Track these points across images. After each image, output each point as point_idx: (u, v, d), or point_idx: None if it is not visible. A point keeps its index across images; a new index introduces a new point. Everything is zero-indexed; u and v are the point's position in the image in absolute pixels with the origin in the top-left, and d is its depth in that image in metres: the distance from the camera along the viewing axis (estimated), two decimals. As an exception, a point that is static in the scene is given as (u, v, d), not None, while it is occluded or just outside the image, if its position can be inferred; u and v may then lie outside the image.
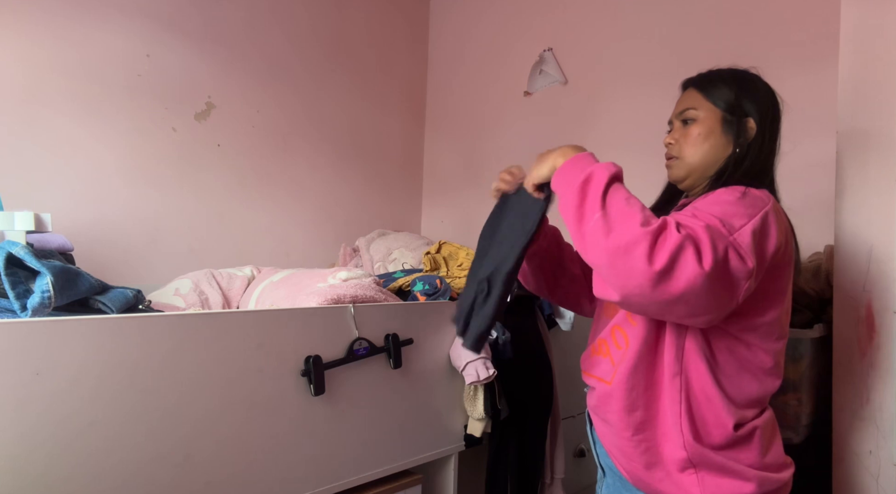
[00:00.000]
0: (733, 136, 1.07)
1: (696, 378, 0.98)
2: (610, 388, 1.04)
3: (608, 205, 0.87)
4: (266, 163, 2.37)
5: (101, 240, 1.89)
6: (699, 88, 1.12)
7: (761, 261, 0.90)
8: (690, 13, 2.18)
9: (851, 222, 1.27)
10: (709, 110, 1.09)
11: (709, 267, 0.81)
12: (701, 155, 1.09)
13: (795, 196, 1.98)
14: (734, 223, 0.89)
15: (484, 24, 2.85)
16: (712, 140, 1.08)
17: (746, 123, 1.07)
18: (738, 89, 1.09)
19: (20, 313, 1.00)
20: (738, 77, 1.12)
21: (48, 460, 0.93)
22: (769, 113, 1.09)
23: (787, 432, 1.56)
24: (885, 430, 1.17)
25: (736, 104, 1.08)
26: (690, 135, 1.10)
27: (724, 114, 1.08)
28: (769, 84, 1.13)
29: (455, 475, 1.62)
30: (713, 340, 0.98)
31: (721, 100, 1.09)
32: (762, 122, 1.07)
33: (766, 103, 1.09)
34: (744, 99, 1.08)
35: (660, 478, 1.01)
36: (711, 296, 0.84)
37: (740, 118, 1.07)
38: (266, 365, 1.20)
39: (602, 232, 0.85)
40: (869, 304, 1.20)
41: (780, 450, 1.04)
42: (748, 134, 1.07)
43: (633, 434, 1.02)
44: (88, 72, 1.88)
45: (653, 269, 0.81)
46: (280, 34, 2.41)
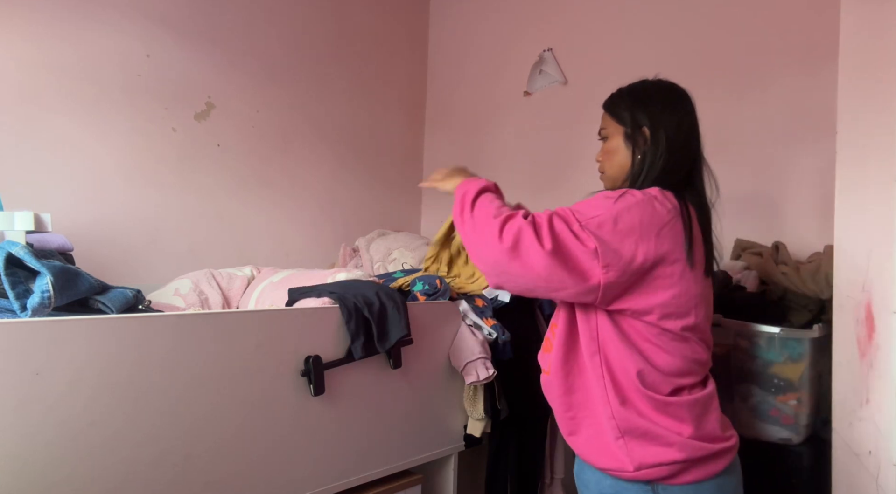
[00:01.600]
0: (633, 147, 1.21)
1: (613, 353, 1.11)
2: (549, 377, 1.21)
3: (475, 208, 1.13)
4: (266, 164, 2.37)
5: (100, 240, 1.89)
6: (607, 109, 1.27)
7: (612, 246, 1.03)
8: (690, 14, 2.18)
9: (851, 222, 1.27)
10: (614, 128, 1.24)
11: (549, 246, 1.01)
12: (615, 167, 1.24)
13: (795, 196, 1.99)
14: (587, 212, 1.07)
15: (484, 25, 2.85)
16: (620, 153, 1.23)
17: (643, 132, 1.20)
18: (632, 103, 1.22)
19: (20, 313, 1.00)
20: (633, 91, 1.25)
21: (48, 460, 0.93)
22: (662, 117, 1.19)
23: (786, 432, 1.56)
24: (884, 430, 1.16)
25: (632, 118, 1.21)
26: (605, 151, 1.27)
27: (625, 129, 1.22)
28: (670, 84, 1.24)
29: (455, 475, 1.62)
30: (618, 320, 1.11)
31: (621, 117, 1.23)
32: (654, 128, 1.18)
33: (658, 108, 1.20)
34: (636, 111, 1.21)
35: (598, 450, 1.13)
36: (561, 272, 1.02)
37: (637, 129, 1.21)
38: (266, 365, 1.20)
39: (472, 227, 1.11)
40: (868, 304, 1.20)
41: (715, 424, 1.13)
42: (645, 142, 1.20)
43: (573, 413, 1.17)
44: (88, 72, 1.88)
45: (503, 246, 1.03)
46: (280, 34, 2.41)
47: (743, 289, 1.73)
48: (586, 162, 2.52)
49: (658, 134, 1.18)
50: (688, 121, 1.21)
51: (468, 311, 1.63)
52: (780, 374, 1.57)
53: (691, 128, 1.22)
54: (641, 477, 1.08)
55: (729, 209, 2.13)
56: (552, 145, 2.56)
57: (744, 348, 1.61)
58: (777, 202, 2.03)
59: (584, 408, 1.16)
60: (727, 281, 1.75)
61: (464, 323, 1.62)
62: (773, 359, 1.57)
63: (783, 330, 1.56)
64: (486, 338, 1.61)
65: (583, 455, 1.17)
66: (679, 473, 1.08)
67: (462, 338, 1.58)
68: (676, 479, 1.08)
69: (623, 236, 1.05)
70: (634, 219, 1.06)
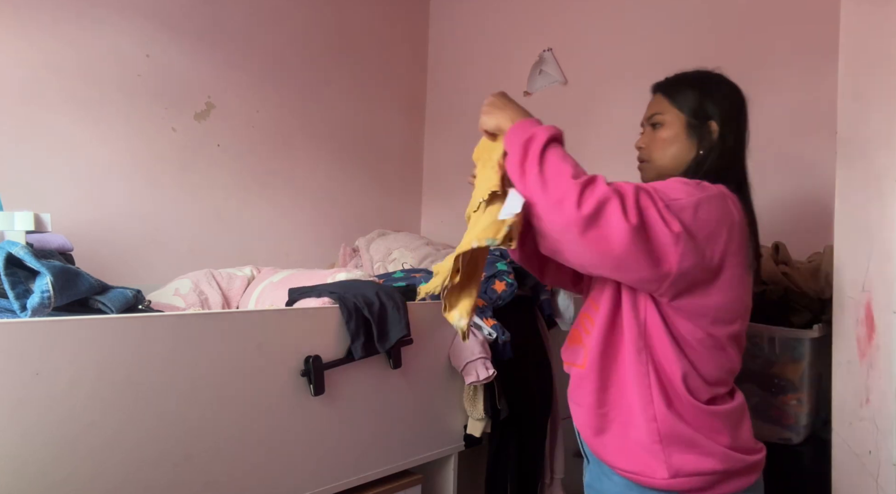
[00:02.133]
0: (697, 140, 1.12)
1: (661, 352, 1.03)
2: (584, 371, 1.11)
3: (545, 162, 0.95)
4: (266, 164, 2.37)
5: (100, 240, 1.89)
6: (665, 93, 1.17)
7: (693, 234, 0.95)
8: (690, 13, 2.18)
9: (851, 222, 1.27)
10: (674, 115, 1.15)
11: (634, 221, 0.90)
12: (668, 158, 1.15)
13: (795, 196, 1.99)
14: (669, 194, 0.96)
15: (484, 25, 2.85)
16: (678, 144, 1.13)
17: (709, 126, 1.12)
18: (700, 93, 1.14)
19: (20, 313, 1.00)
20: (702, 80, 1.17)
21: (48, 460, 0.93)
22: (732, 114, 1.13)
23: (786, 432, 1.56)
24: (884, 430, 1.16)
25: (699, 108, 1.13)
26: (658, 139, 1.16)
27: (688, 119, 1.13)
28: (734, 83, 1.18)
29: (455, 475, 1.62)
30: (671, 317, 1.03)
31: (685, 105, 1.14)
32: (724, 125, 1.12)
33: (728, 105, 1.14)
34: (706, 102, 1.13)
35: (627, 453, 1.05)
36: (639, 252, 0.91)
37: (703, 122, 1.12)
38: (266, 365, 1.20)
39: (540, 186, 0.94)
40: (868, 304, 1.20)
41: (749, 435, 1.09)
42: (711, 137, 1.12)
43: (606, 410, 1.08)
44: (88, 72, 1.88)
45: (580, 214, 0.89)
46: (280, 34, 2.41)
47: (743, 289, 1.73)
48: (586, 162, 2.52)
49: (726, 132, 1.11)
50: (746, 127, 1.15)
51: (468, 311, 1.63)
52: (780, 374, 1.57)
53: (745, 142, 1.16)
54: (675, 487, 1.02)
55: (729, 209, 2.13)
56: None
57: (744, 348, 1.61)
58: (777, 202, 2.03)
59: (617, 407, 1.07)
60: (727, 281, 1.75)
61: (464, 323, 1.61)
62: (773, 359, 1.57)
63: (783, 330, 1.56)
64: (486, 338, 1.61)
65: (607, 456, 1.09)
66: (713, 485, 1.03)
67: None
68: (710, 491, 1.03)
69: (701, 226, 0.96)
70: (714, 211, 0.98)
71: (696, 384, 1.03)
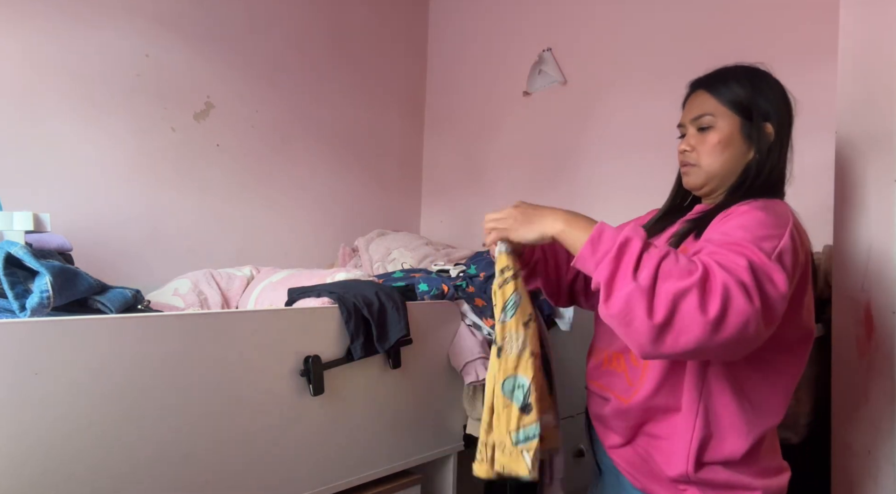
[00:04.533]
0: (754, 143, 1.03)
1: (718, 399, 0.95)
2: (627, 406, 1.02)
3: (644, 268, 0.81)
4: (265, 163, 2.37)
5: (99, 240, 1.88)
6: (713, 92, 1.07)
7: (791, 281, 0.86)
8: (690, 13, 2.18)
9: (851, 222, 1.27)
10: (726, 116, 1.04)
11: (759, 305, 0.79)
12: (721, 163, 1.05)
13: (795, 196, 1.98)
14: (766, 246, 0.85)
15: (483, 24, 2.85)
16: (732, 148, 1.04)
17: (765, 128, 1.04)
18: (752, 91, 1.04)
19: (19, 313, 1.00)
20: (752, 77, 1.07)
21: (47, 460, 0.93)
22: (785, 114, 1.05)
23: (786, 432, 1.56)
24: (883, 430, 1.17)
25: (753, 108, 1.03)
26: (709, 142, 1.05)
27: (742, 121, 1.04)
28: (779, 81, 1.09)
29: (454, 475, 1.62)
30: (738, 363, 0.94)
31: (737, 105, 1.04)
32: (780, 125, 1.03)
33: (780, 104, 1.05)
34: (760, 101, 1.03)
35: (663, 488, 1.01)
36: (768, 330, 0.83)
37: (758, 123, 1.03)
38: (265, 365, 1.20)
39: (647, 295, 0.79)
40: (868, 304, 1.20)
41: (778, 452, 1.05)
42: (767, 139, 1.03)
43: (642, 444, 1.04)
44: (87, 71, 1.88)
45: (707, 318, 0.77)
46: (279, 34, 2.41)
47: (742, 289, 1.73)
48: (586, 162, 2.53)
49: (783, 136, 1.02)
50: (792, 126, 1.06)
51: (468, 311, 1.63)
52: (779, 374, 1.57)
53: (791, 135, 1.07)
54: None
55: (728, 209, 2.13)
56: (552, 145, 2.56)
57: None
58: (777, 202, 2.02)
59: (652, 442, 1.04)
60: (727, 281, 1.75)
61: (463, 322, 1.61)
62: (772, 359, 1.57)
63: (783, 330, 1.56)
64: (486, 338, 1.60)
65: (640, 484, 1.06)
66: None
67: (462, 338, 1.58)
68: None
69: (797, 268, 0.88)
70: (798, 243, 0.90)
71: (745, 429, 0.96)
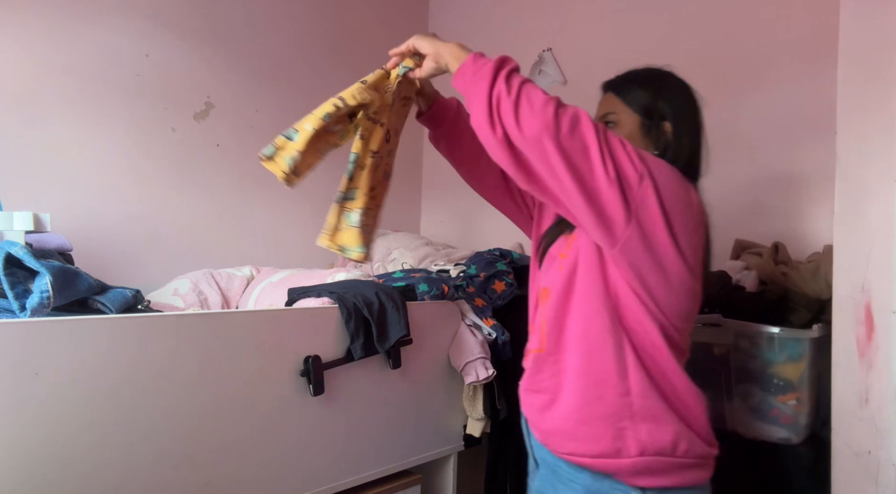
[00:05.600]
0: (652, 140, 1.10)
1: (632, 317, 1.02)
2: (543, 354, 1.08)
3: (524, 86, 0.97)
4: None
5: (99, 240, 1.88)
6: (617, 92, 1.15)
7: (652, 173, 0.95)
8: (690, 13, 2.18)
9: (851, 222, 1.27)
10: (628, 115, 1.12)
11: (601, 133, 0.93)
12: None
13: (795, 196, 1.99)
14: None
15: (483, 24, 2.85)
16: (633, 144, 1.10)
17: (663, 127, 1.10)
18: (653, 92, 1.11)
19: (19, 313, 1.00)
20: (654, 78, 1.15)
21: (47, 460, 0.93)
22: (685, 113, 1.11)
23: (786, 432, 1.56)
24: (883, 430, 1.16)
25: (652, 108, 1.10)
26: None
27: (642, 120, 1.11)
28: (685, 81, 1.16)
29: (454, 475, 1.62)
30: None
31: (638, 105, 1.11)
32: (678, 124, 1.10)
33: (680, 104, 1.11)
34: (659, 101, 1.10)
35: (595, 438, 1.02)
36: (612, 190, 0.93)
37: (657, 122, 1.10)
38: (265, 365, 1.20)
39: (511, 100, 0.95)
40: (868, 305, 1.20)
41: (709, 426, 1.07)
42: (666, 137, 1.10)
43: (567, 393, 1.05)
44: (87, 71, 1.88)
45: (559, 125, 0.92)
46: (279, 34, 2.41)
47: (742, 289, 1.73)
48: (586, 162, 2.52)
49: (681, 133, 1.09)
50: (701, 129, 1.13)
51: (468, 311, 1.63)
52: (779, 374, 1.57)
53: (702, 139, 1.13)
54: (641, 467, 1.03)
55: (729, 209, 2.13)
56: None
57: (744, 348, 1.61)
58: (777, 202, 2.03)
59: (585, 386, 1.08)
60: (727, 281, 1.75)
61: (463, 323, 1.61)
62: (772, 359, 1.57)
63: (783, 330, 1.56)
64: (486, 338, 1.61)
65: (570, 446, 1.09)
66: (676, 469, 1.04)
67: (462, 338, 1.58)
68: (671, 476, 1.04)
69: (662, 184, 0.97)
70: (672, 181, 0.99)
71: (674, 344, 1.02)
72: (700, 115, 1.14)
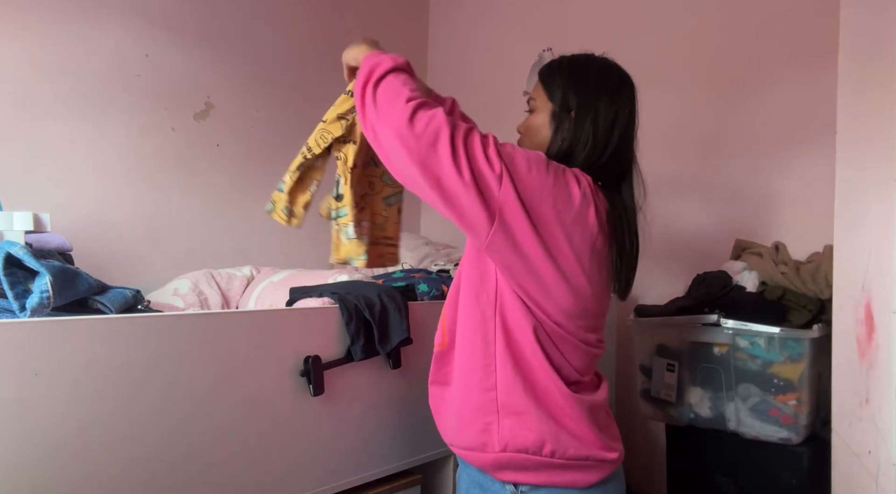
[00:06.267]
0: (558, 130, 1.09)
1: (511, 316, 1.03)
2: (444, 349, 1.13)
3: (382, 83, 0.98)
4: (265, 164, 2.36)
5: (99, 240, 1.88)
6: (540, 78, 1.14)
7: (513, 173, 0.94)
8: (690, 13, 2.18)
9: (851, 222, 1.27)
10: (543, 102, 1.12)
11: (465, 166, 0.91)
12: (535, 145, 1.11)
13: (795, 196, 1.99)
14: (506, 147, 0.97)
15: (483, 24, 2.85)
16: (543, 132, 1.11)
17: (570, 117, 1.08)
18: (566, 81, 1.10)
19: (19, 313, 1.00)
20: (574, 67, 1.12)
21: (46, 460, 0.93)
22: (594, 104, 1.08)
23: (786, 432, 1.56)
24: (884, 430, 1.16)
25: (563, 97, 1.09)
26: (528, 124, 1.15)
27: (553, 108, 1.10)
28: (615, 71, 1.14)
29: (454, 475, 1.61)
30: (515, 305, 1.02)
31: (552, 93, 1.11)
32: (581, 115, 1.07)
33: (592, 93, 1.08)
34: (569, 91, 1.09)
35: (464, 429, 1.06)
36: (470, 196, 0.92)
37: (564, 111, 1.09)
38: (265, 365, 1.20)
39: (372, 105, 0.97)
40: (868, 304, 1.20)
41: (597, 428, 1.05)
42: (570, 126, 1.08)
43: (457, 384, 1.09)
44: (87, 71, 1.88)
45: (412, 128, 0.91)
46: (279, 34, 2.41)
47: (742, 289, 1.73)
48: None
49: (584, 122, 1.06)
50: (625, 117, 1.09)
51: (468, 311, 1.63)
52: (779, 374, 1.57)
53: (628, 126, 1.10)
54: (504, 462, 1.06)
55: (729, 209, 2.14)
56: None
57: (743, 348, 1.61)
58: (777, 202, 2.03)
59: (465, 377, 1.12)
60: (727, 281, 1.75)
61: (463, 323, 1.61)
62: (772, 359, 1.58)
63: (783, 330, 1.56)
64: (486, 338, 1.60)
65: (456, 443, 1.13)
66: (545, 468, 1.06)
67: (462, 338, 1.58)
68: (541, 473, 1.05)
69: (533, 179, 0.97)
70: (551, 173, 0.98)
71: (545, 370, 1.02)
72: (618, 106, 1.09)
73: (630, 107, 1.11)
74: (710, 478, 1.68)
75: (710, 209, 2.17)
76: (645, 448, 2.12)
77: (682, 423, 1.74)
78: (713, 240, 2.08)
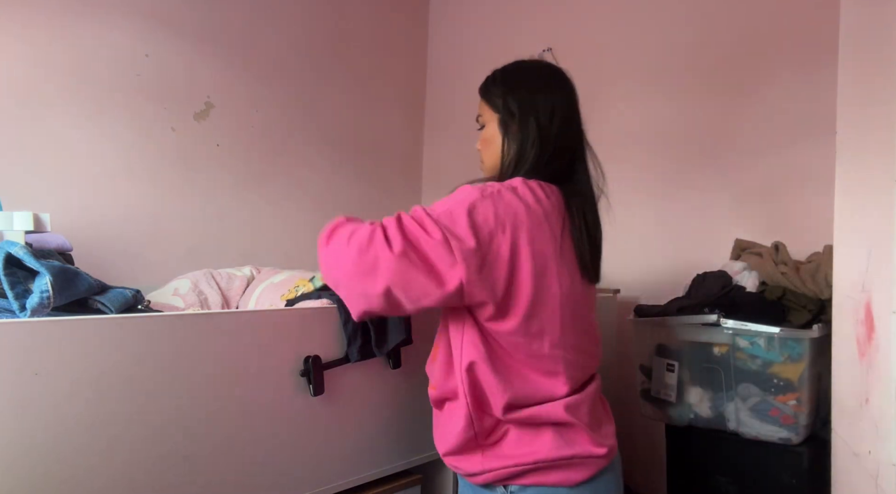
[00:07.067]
0: (508, 138, 1.13)
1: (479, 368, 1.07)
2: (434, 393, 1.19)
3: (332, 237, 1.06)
4: (265, 163, 2.37)
5: (99, 240, 1.88)
6: (482, 95, 1.20)
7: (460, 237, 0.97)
8: (690, 13, 2.18)
9: (851, 222, 1.27)
10: (489, 114, 1.17)
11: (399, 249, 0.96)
12: (492, 157, 1.17)
13: (795, 196, 1.99)
14: (436, 208, 1.03)
15: (483, 24, 2.85)
16: (496, 142, 1.15)
17: (515, 120, 1.12)
18: (503, 88, 1.15)
19: (19, 313, 1.00)
20: (507, 75, 1.19)
21: (46, 460, 0.93)
22: (535, 104, 1.12)
23: (786, 432, 1.56)
24: (883, 431, 1.16)
25: (503, 104, 1.14)
26: (483, 139, 1.19)
27: (499, 117, 1.15)
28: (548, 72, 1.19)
29: (454, 475, 1.61)
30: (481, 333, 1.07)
31: (494, 104, 1.16)
32: (524, 115, 1.11)
33: (528, 95, 1.13)
34: (507, 97, 1.14)
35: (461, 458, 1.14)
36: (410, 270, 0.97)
37: (508, 116, 1.13)
38: (265, 365, 1.20)
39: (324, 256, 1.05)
40: (868, 305, 1.20)
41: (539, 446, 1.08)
42: (515, 132, 1.12)
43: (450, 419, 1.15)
44: (87, 71, 1.88)
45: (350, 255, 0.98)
46: (279, 34, 2.41)
47: (742, 289, 1.73)
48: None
49: (528, 121, 1.11)
50: (564, 106, 1.14)
51: (468, 311, 1.63)
52: (779, 374, 1.57)
53: (569, 114, 1.15)
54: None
55: (729, 209, 2.14)
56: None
57: (743, 348, 1.61)
58: (777, 202, 2.03)
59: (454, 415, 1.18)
60: (727, 281, 1.75)
61: (463, 323, 1.61)
62: (772, 359, 1.57)
63: (783, 330, 1.56)
64: (486, 338, 1.60)
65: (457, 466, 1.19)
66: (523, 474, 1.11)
67: (462, 338, 1.58)
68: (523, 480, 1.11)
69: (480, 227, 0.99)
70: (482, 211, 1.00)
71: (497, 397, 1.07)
72: (555, 99, 1.13)
73: (566, 96, 1.15)
74: (710, 478, 1.68)
75: (710, 209, 2.17)
76: (645, 448, 2.12)
77: (681, 423, 1.74)
78: (713, 240, 2.08)
